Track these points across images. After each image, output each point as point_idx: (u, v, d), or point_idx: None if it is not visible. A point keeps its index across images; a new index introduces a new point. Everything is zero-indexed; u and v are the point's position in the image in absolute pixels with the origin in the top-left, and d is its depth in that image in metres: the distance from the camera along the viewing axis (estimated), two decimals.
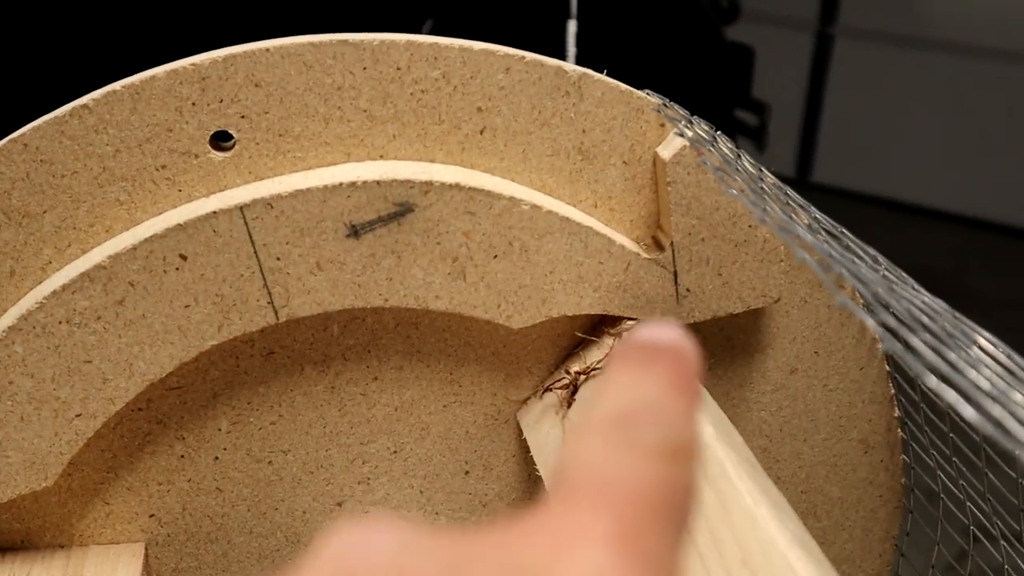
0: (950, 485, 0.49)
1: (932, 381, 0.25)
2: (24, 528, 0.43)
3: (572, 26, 0.84)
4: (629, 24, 1.64)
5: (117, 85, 0.39)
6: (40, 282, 0.41)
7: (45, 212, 0.40)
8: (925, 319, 0.30)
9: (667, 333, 0.23)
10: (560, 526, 0.18)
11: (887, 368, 0.50)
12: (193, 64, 0.39)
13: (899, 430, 0.51)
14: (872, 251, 0.40)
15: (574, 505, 0.19)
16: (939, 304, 0.34)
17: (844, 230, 0.41)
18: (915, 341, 0.27)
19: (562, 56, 0.47)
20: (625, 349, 0.22)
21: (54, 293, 0.39)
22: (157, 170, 0.40)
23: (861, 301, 0.42)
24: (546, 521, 0.19)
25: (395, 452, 0.46)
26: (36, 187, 0.39)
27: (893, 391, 0.50)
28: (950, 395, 0.24)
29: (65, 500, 0.43)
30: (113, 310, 0.39)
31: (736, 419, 0.48)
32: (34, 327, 0.39)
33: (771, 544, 0.31)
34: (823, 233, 0.40)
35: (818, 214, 0.42)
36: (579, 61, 0.43)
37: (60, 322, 0.39)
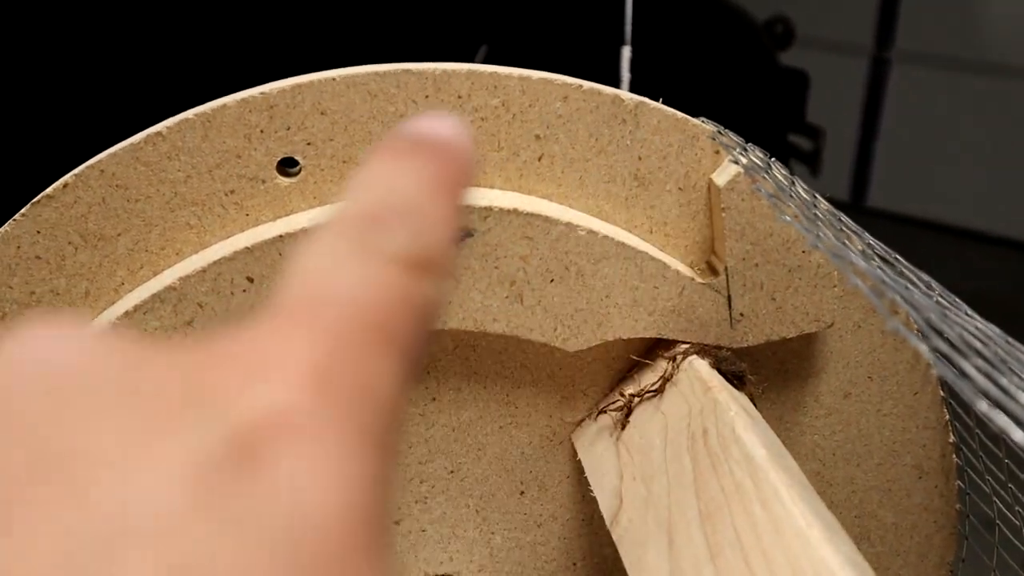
0: (1006, 512, 0.49)
1: (983, 406, 0.25)
2: None
3: (626, 52, 0.85)
4: (684, 50, 1.64)
5: (190, 113, 0.40)
6: (113, 303, 0.42)
7: (119, 235, 0.41)
8: (978, 344, 0.30)
9: (439, 124, 0.20)
10: (256, 349, 0.16)
11: (941, 393, 0.50)
12: (262, 93, 0.41)
13: (954, 456, 0.51)
14: (926, 277, 0.40)
15: (282, 323, 0.16)
16: (992, 330, 0.34)
17: (898, 256, 0.42)
18: (967, 366, 0.27)
19: (616, 82, 0.48)
20: (389, 139, 0.19)
21: (126, 313, 0.40)
22: (226, 195, 0.42)
23: (915, 327, 0.42)
24: (249, 341, 0.16)
25: (452, 472, 0.47)
26: (111, 211, 0.41)
27: (948, 417, 0.50)
28: (1001, 419, 0.24)
29: None
30: (182, 331, 0.41)
31: (789, 443, 0.49)
32: None
33: (824, 566, 0.31)
34: (876, 259, 0.40)
35: (872, 240, 0.43)
36: (634, 88, 0.44)
37: None
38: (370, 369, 0.16)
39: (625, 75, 0.83)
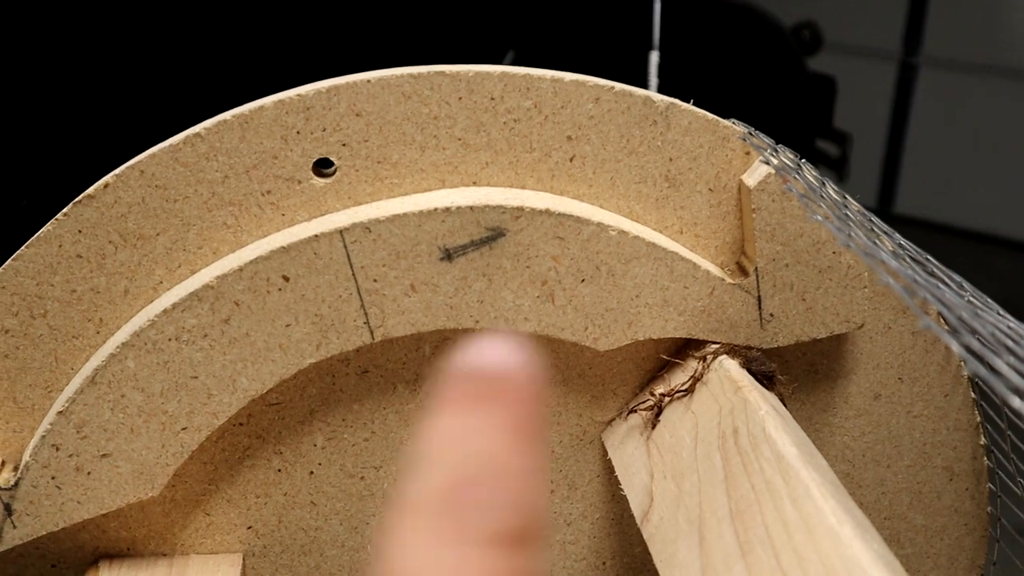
0: None
1: (1016, 402, 0.25)
2: (130, 536, 0.45)
3: (654, 57, 0.86)
4: (711, 55, 1.64)
5: (228, 115, 0.41)
6: (152, 301, 0.43)
7: (158, 235, 0.42)
8: (1010, 343, 0.30)
9: (500, 355, 0.17)
10: None
11: (972, 395, 0.50)
12: (298, 95, 0.41)
13: (985, 458, 0.51)
14: (957, 277, 0.40)
15: None
16: None
17: (929, 256, 0.42)
18: (999, 363, 0.28)
19: (644, 88, 0.48)
20: (452, 383, 0.17)
21: (164, 311, 0.41)
22: (263, 195, 0.42)
23: (946, 327, 0.42)
24: None
25: None
26: (150, 211, 0.42)
27: (979, 419, 0.50)
28: None
29: (168, 510, 0.45)
30: (219, 328, 0.41)
31: (819, 444, 0.49)
32: (145, 343, 0.41)
33: (855, 563, 0.32)
34: (907, 260, 0.41)
35: (903, 241, 0.43)
36: (662, 93, 0.45)
37: (170, 339, 0.41)
38: None
39: (653, 80, 0.83)
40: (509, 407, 0.17)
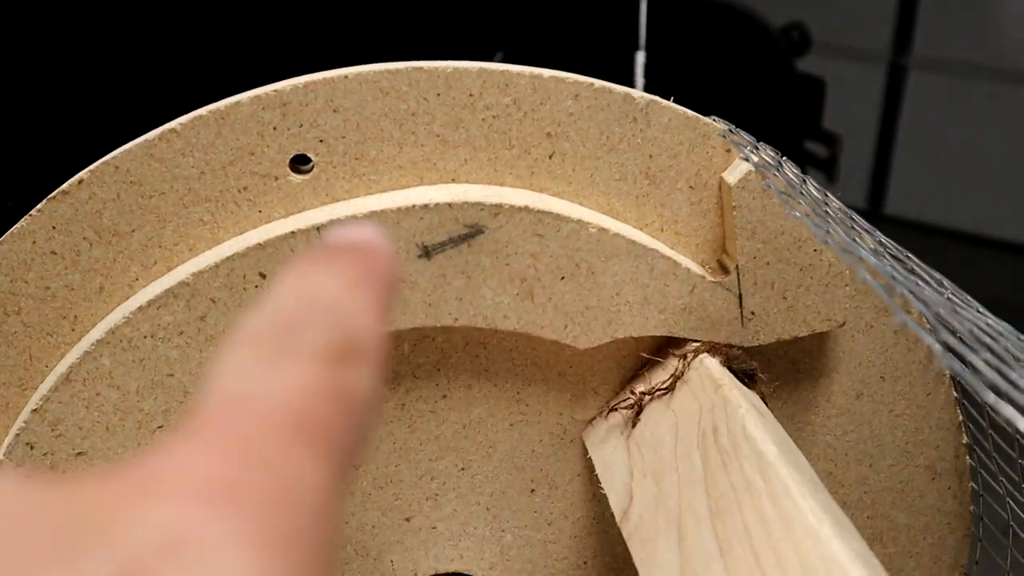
0: (1020, 513, 0.48)
1: (991, 397, 0.25)
2: None
3: (640, 58, 0.85)
4: (699, 56, 1.64)
5: (204, 110, 0.41)
6: (127, 298, 0.42)
7: (133, 231, 0.42)
8: (988, 339, 0.30)
9: (355, 230, 0.20)
10: (156, 470, 0.15)
11: (955, 394, 0.49)
12: (275, 90, 0.41)
13: (968, 457, 0.51)
14: (937, 275, 0.40)
15: (188, 438, 0.16)
16: (1003, 326, 0.34)
17: (909, 254, 0.41)
18: (976, 360, 0.27)
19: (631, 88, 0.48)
20: (306, 251, 0.19)
21: (140, 308, 0.41)
22: (239, 192, 0.42)
23: (926, 325, 0.42)
24: (150, 463, 0.15)
25: (463, 469, 0.47)
26: (126, 207, 0.41)
27: (961, 417, 0.50)
28: (1008, 411, 0.24)
29: None
30: (195, 325, 0.41)
31: (801, 442, 0.48)
32: (121, 341, 0.41)
33: (834, 561, 0.31)
34: (888, 257, 0.40)
35: (884, 239, 0.43)
36: (648, 93, 0.44)
37: (145, 336, 0.41)
38: (288, 471, 0.15)
39: (639, 80, 0.83)
40: (353, 264, 0.19)
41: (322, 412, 0.16)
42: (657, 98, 0.44)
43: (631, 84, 0.68)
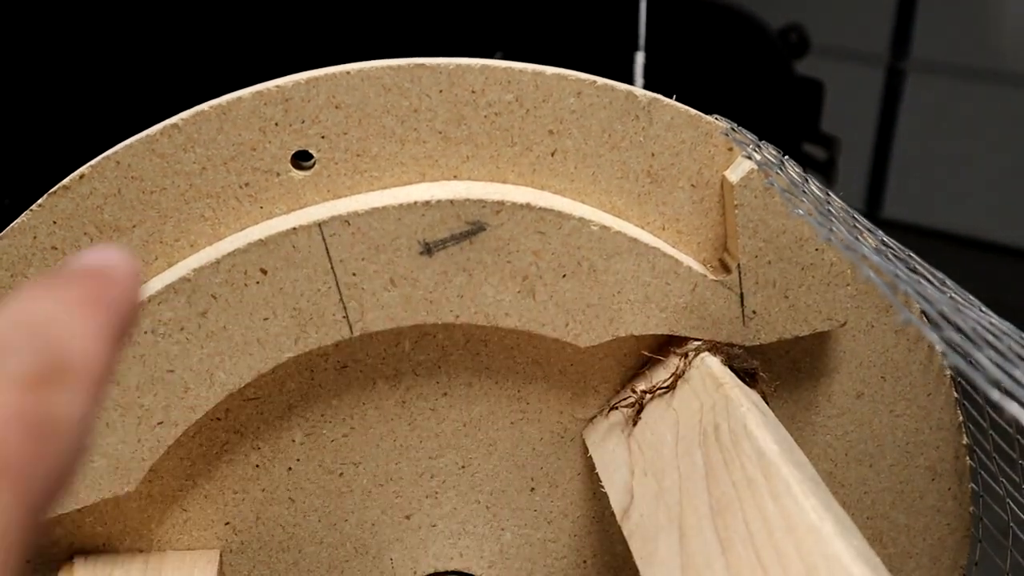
0: (1020, 514, 0.48)
1: (995, 395, 0.25)
2: (106, 532, 0.45)
3: (640, 58, 0.85)
4: (697, 57, 1.64)
5: (205, 106, 0.41)
6: None
7: (134, 227, 0.42)
8: (990, 337, 0.30)
9: (96, 253, 0.19)
10: None
11: (955, 395, 0.49)
12: (277, 86, 0.41)
13: (968, 458, 0.51)
14: (940, 275, 0.40)
15: None
16: (1006, 325, 0.34)
17: (911, 254, 0.41)
18: (979, 357, 0.27)
19: None
20: (42, 275, 0.18)
21: (141, 304, 0.40)
22: (241, 187, 0.42)
23: (927, 322, 0.42)
24: None
25: (463, 467, 0.47)
26: (127, 203, 0.41)
27: (962, 418, 0.50)
28: (1013, 407, 0.24)
29: (145, 506, 0.45)
30: (196, 322, 0.41)
31: (801, 442, 0.48)
32: None
33: (836, 560, 0.31)
34: (890, 256, 0.40)
35: (886, 238, 0.43)
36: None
37: (146, 332, 0.41)
38: None
39: (639, 81, 0.83)
40: (80, 284, 0.18)
41: (11, 440, 0.16)
42: (659, 96, 0.44)
43: (631, 84, 0.68)
